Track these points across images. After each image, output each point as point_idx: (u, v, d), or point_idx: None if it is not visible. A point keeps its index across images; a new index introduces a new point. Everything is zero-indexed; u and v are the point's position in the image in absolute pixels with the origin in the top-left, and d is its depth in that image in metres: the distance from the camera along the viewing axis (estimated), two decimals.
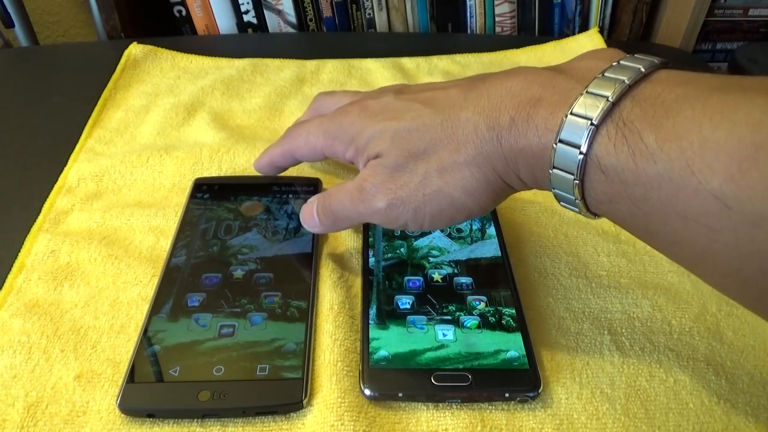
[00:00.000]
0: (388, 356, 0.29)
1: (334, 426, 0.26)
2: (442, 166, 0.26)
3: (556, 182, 0.24)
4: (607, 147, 0.21)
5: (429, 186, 0.27)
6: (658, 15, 0.64)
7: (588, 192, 0.23)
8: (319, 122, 0.33)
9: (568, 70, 0.25)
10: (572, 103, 0.22)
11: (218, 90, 0.51)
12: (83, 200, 0.39)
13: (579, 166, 0.22)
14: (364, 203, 0.29)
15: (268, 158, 0.36)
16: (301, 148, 0.34)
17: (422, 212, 0.27)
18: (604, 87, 0.22)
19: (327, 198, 0.31)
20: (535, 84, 0.25)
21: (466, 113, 0.26)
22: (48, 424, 0.26)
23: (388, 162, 0.28)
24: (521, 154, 0.24)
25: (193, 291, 0.32)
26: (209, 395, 0.27)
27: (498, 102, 0.25)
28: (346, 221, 0.31)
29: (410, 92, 0.30)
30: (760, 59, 0.60)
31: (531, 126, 0.24)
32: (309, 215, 0.32)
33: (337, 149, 0.31)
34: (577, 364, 0.30)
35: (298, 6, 0.63)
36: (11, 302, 0.32)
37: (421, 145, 0.27)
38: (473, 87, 0.27)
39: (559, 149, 0.23)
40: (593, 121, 0.22)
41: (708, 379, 0.29)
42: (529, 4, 0.64)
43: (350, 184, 0.30)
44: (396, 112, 0.29)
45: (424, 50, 0.58)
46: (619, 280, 0.34)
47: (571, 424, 0.27)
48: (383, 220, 0.29)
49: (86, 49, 0.61)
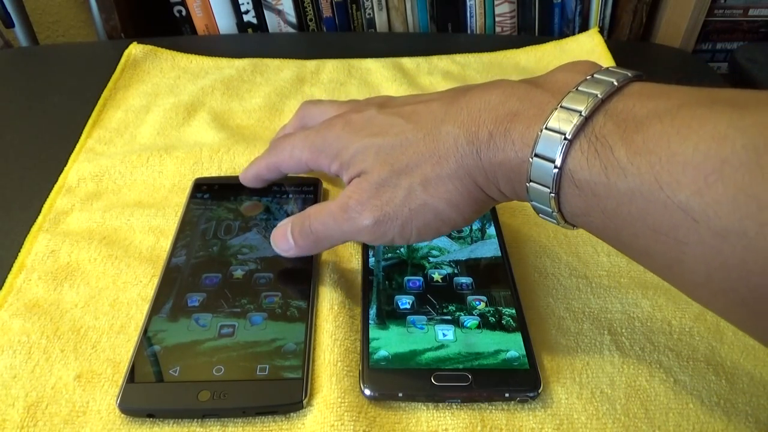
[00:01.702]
0: (388, 356, 0.29)
1: (334, 426, 0.26)
2: (426, 179, 0.27)
3: (533, 195, 0.24)
4: (580, 161, 0.22)
5: (414, 200, 0.27)
6: (658, 15, 0.64)
7: (564, 205, 0.24)
8: (304, 136, 0.32)
9: (544, 83, 0.26)
10: (547, 118, 0.23)
11: (218, 90, 0.51)
12: (83, 200, 0.39)
13: (554, 179, 0.23)
14: (349, 221, 0.28)
15: (255, 171, 0.36)
16: (286, 161, 0.33)
17: (409, 227, 0.28)
18: (577, 101, 0.23)
19: (305, 219, 0.31)
20: (513, 98, 0.25)
21: (446, 127, 0.26)
22: (48, 424, 0.26)
23: (373, 178, 0.28)
24: (500, 167, 0.25)
25: (193, 291, 0.32)
26: (209, 395, 0.27)
27: (477, 116, 0.25)
28: (328, 242, 0.31)
29: (393, 105, 0.31)
30: (760, 59, 0.60)
31: (508, 140, 0.24)
32: (282, 238, 0.32)
33: (321, 163, 0.31)
34: (577, 364, 0.30)
35: (298, 6, 0.63)
36: (11, 302, 0.32)
37: (405, 160, 0.27)
38: (454, 100, 0.27)
39: (535, 163, 0.23)
40: (566, 135, 0.22)
41: (708, 379, 0.29)
42: (529, 4, 0.64)
43: (331, 203, 0.30)
44: (379, 128, 0.29)
45: (424, 50, 0.58)
46: (619, 280, 0.34)
47: (571, 424, 0.27)
48: (370, 237, 0.29)
49: (86, 49, 0.61)
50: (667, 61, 0.61)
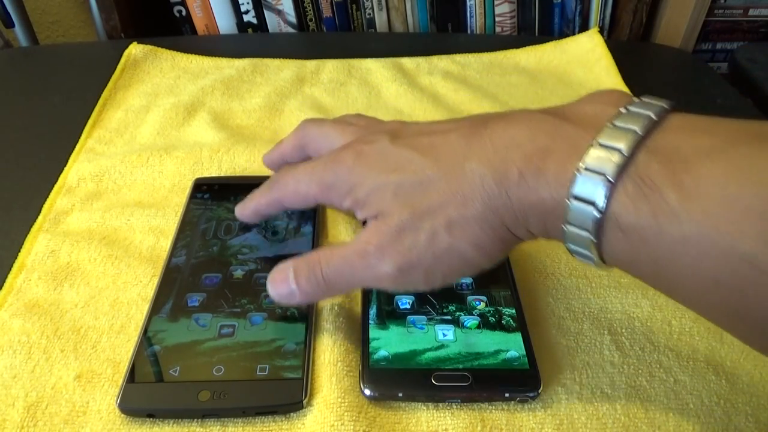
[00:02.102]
0: (388, 356, 0.29)
1: (334, 426, 0.26)
2: (450, 222, 0.24)
3: (570, 238, 0.23)
4: (625, 205, 0.20)
5: (438, 244, 0.25)
6: (658, 15, 0.64)
7: (606, 249, 0.22)
8: (310, 170, 0.30)
9: (573, 116, 0.24)
10: (583, 156, 0.21)
11: (218, 90, 0.51)
12: (83, 200, 0.39)
13: (595, 224, 0.21)
14: (369, 269, 0.26)
15: (254, 207, 0.33)
16: (290, 197, 0.31)
17: (434, 273, 0.26)
18: (615, 138, 0.21)
19: (313, 265, 0.28)
20: (541, 133, 0.23)
21: (471, 165, 0.24)
22: (48, 424, 0.26)
23: (393, 222, 0.26)
24: (532, 209, 0.23)
25: (193, 291, 0.32)
26: (209, 395, 0.27)
27: (504, 153, 0.24)
28: (340, 289, 0.29)
29: (406, 136, 0.28)
30: (760, 59, 0.60)
31: (541, 180, 0.22)
32: (282, 283, 0.28)
33: (332, 199, 0.29)
34: (577, 364, 0.30)
35: (298, 6, 0.63)
36: (11, 302, 0.32)
37: (426, 201, 0.25)
38: (475, 133, 0.25)
39: (573, 206, 0.21)
40: (609, 176, 0.20)
41: (708, 379, 0.29)
42: (529, 4, 0.64)
43: (344, 248, 0.27)
44: (395, 163, 0.27)
45: (424, 50, 0.58)
46: (619, 280, 0.34)
47: (571, 424, 0.27)
48: (392, 285, 0.27)
49: (86, 49, 0.61)
50: (667, 61, 0.61)
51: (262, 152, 0.42)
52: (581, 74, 0.55)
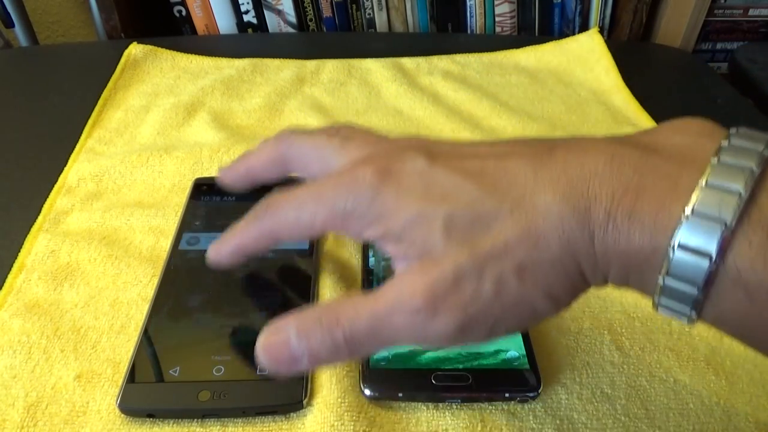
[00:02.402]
0: (388, 356, 0.29)
1: (334, 426, 0.26)
2: (521, 267, 0.20)
3: (665, 292, 0.19)
4: (750, 257, 0.17)
5: (507, 294, 0.20)
6: (658, 15, 0.64)
7: (712, 307, 0.19)
8: (316, 192, 0.24)
9: (660, 148, 0.20)
10: (688, 197, 0.18)
11: (218, 90, 0.51)
12: (83, 200, 0.39)
13: (707, 278, 0.18)
14: (415, 329, 0.21)
15: (237, 243, 0.26)
16: (288, 226, 0.24)
17: (499, 328, 0.21)
18: (728, 177, 0.18)
19: (330, 323, 0.22)
20: (627, 166, 0.20)
21: (543, 198, 0.20)
22: (48, 424, 0.26)
23: (446, 266, 0.20)
24: (619, 256, 0.19)
25: (194, 291, 0.32)
26: (209, 395, 0.27)
27: (583, 188, 0.20)
28: (366, 353, 0.23)
29: (446, 156, 0.23)
30: (760, 59, 0.60)
31: (635, 224, 0.19)
32: (283, 349, 0.22)
33: (351, 227, 0.23)
34: (577, 364, 0.30)
35: (298, 6, 0.63)
36: (11, 302, 0.32)
37: (489, 240, 0.20)
38: (541, 161, 0.21)
39: (678, 256, 0.18)
40: (728, 222, 0.17)
41: (708, 379, 0.29)
42: (529, 4, 0.64)
43: (378, 302, 0.22)
44: (441, 190, 0.21)
45: (424, 50, 0.58)
46: None
47: (571, 424, 0.27)
48: (444, 344, 0.22)
49: (86, 49, 0.61)
50: (667, 61, 0.61)
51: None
52: (581, 74, 0.55)
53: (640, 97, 0.51)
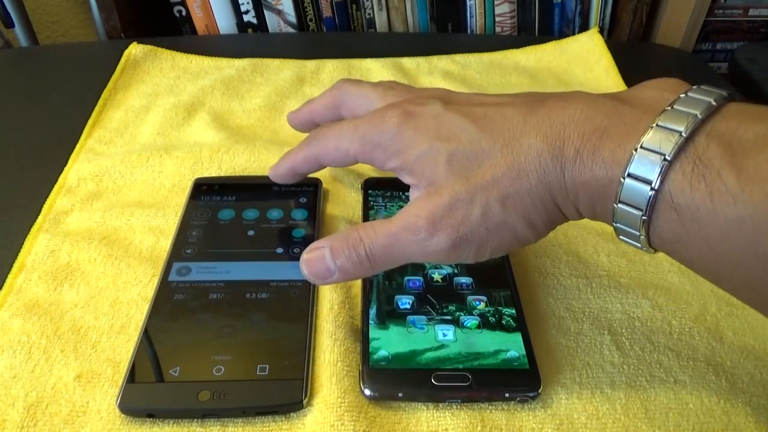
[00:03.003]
0: (388, 356, 0.29)
1: (334, 426, 0.26)
2: (504, 196, 0.24)
3: (620, 217, 0.23)
4: (681, 184, 0.21)
5: (492, 219, 0.25)
6: (658, 15, 0.64)
7: (654, 229, 0.22)
8: (353, 126, 0.29)
9: (631, 99, 0.24)
10: (641, 136, 0.22)
11: (218, 90, 0.51)
12: (83, 200, 0.39)
13: (648, 202, 0.21)
14: (418, 244, 0.26)
15: (289, 164, 0.32)
16: (329, 152, 0.30)
17: (485, 247, 0.26)
18: (675, 120, 0.21)
19: (355, 243, 0.27)
20: (599, 113, 0.24)
21: (527, 139, 0.24)
22: (48, 424, 0.26)
23: (445, 194, 0.25)
24: (584, 186, 0.23)
25: (193, 291, 0.32)
26: (209, 395, 0.27)
27: (561, 130, 0.24)
28: (385, 266, 0.28)
29: (458, 103, 0.28)
30: (760, 59, 0.60)
31: (597, 158, 0.23)
32: (318, 264, 0.28)
33: (376, 157, 0.28)
34: (577, 364, 0.30)
35: (298, 6, 0.63)
36: (11, 302, 0.32)
37: (480, 173, 0.25)
38: (532, 110, 0.25)
39: (627, 184, 0.22)
40: (666, 156, 0.21)
41: (708, 379, 0.29)
42: (529, 4, 0.64)
43: (390, 223, 0.27)
44: (449, 131, 0.26)
45: (424, 50, 0.57)
46: (619, 280, 0.34)
47: (571, 424, 0.27)
48: (442, 259, 0.26)
49: (86, 49, 0.61)
50: (667, 61, 0.61)
51: (263, 152, 0.42)
52: (581, 74, 0.55)
53: None
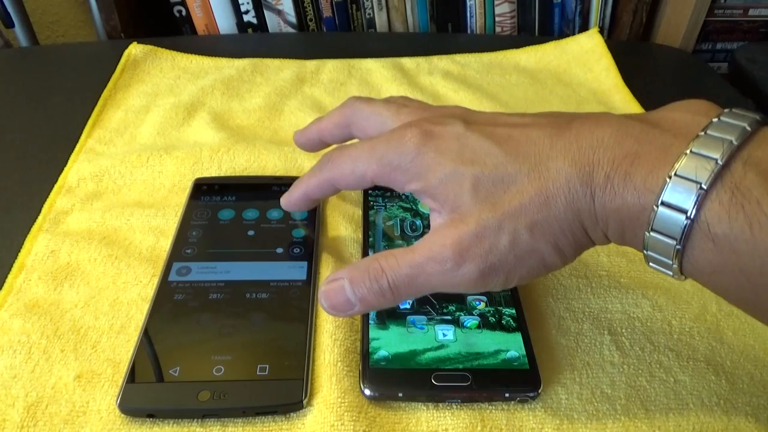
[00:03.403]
0: (388, 356, 0.29)
1: (334, 426, 0.26)
2: (533, 223, 0.24)
3: (652, 246, 0.22)
4: (719, 214, 0.20)
5: (520, 246, 0.24)
6: (658, 15, 0.64)
7: (688, 258, 0.22)
8: (370, 147, 0.28)
9: (660, 122, 0.23)
10: (674, 163, 0.21)
11: (218, 90, 0.51)
12: (83, 200, 0.39)
13: (683, 231, 0.21)
14: (446, 275, 0.25)
15: (302, 190, 0.31)
16: (345, 176, 0.29)
17: (513, 276, 0.25)
18: (710, 147, 0.21)
19: (377, 274, 0.26)
20: (629, 137, 0.23)
21: (555, 163, 0.24)
22: (48, 424, 0.26)
23: (472, 221, 0.24)
24: (615, 213, 0.23)
25: (193, 291, 0.32)
26: (209, 395, 0.27)
27: (590, 154, 0.23)
28: (408, 298, 0.27)
29: (480, 123, 0.27)
30: (760, 59, 0.60)
31: (629, 185, 0.22)
32: (338, 297, 0.27)
33: (395, 179, 0.27)
34: (577, 364, 0.30)
35: (298, 6, 0.63)
36: (11, 302, 0.32)
37: (508, 199, 0.24)
38: (559, 132, 0.24)
39: (661, 212, 0.21)
40: (703, 185, 0.20)
41: (708, 379, 0.29)
42: (529, 4, 0.64)
43: (416, 253, 0.25)
44: (472, 153, 0.25)
45: (424, 50, 0.58)
46: (619, 280, 0.34)
47: (571, 424, 0.27)
48: (471, 289, 0.26)
49: (86, 49, 0.61)
50: (667, 61, 0.61)
51: (263, 152, 0.42)
52: (581, 74, 0.55)
53: (640, 97, 0.51)
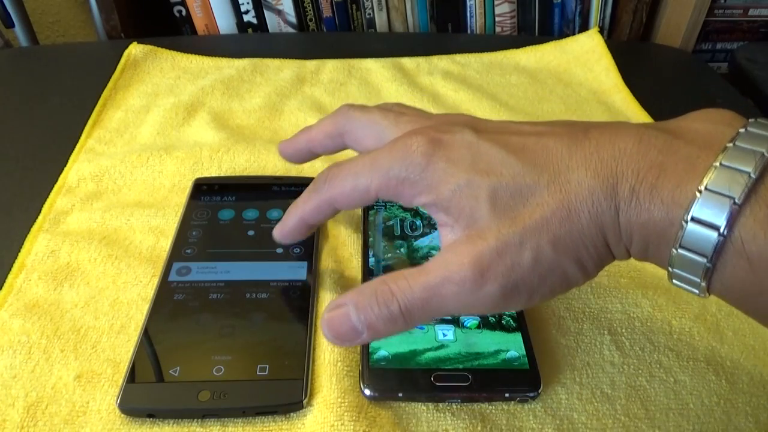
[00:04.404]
0: (388, 356, 0.29)
1: (334, 426, 0.26)
2: (556, 238, 0.22)
3: (679, 263, 0.21)
4: (754, 230, 0.19)
5: (543, 263, 0.22)
6: (658, 15, 0.64)
7: (719, 277, 0.20)
8: (371, 160, 0.25)
9: (682, 132, 0.22)
10: (703, 176, 0.20)
11: (218, 90, 0.51)
12: (83, 200, 0.39)
13: (715, 249, 0.19)
14: (464, 295, 0.23)
15: (299, 215, 0.29)
16: (346, 194, 0.26)
17: (536, 295, 0.23)
18: (741, 160, 0.20)
19: (386, 297, 0.23)
20: (653, 148, 0.21)
21: (576, 175, 0.22)
22: (48, 424, 0.26)
23: (491, 236, 0.22)
24: (640, 228, 0.21)
25: (194, 291, 0.32)
26: (209, 395, 0.27)
27: (613, 165, 0.22)
28: (422, 322, 0.24)
29: (491, 132, 0.25)
30: (760, 59, 0.60)
31: (655, 199, 0.21)
32: (344, 323, 0.24)
33: (402, 193, 0.25)
34: (577, 364, 0.30)
35: (298, 6, 0.63)
36: (11, 302, 0.32)
37: (528, 212, 0.22)
38: (576, 141, 0.23)
39: (691, 228, 0.20)
40: (736, 200, 0.19)
41: (708, 379, 0.29)
42: (529, 4, 0.64)
43: (430, 274, 0.23)
44: (486, 163, 0.23)
45: (424, 50, 0.58)
46: (619, 280, 0.34)
47: (571, 424, 0.27)
48: (488, 311, 0.24)
49: (86, 49, 0.61)
50: (667, 61, 0.61)
51: (262, 152, 0.42)
52: (581, 74, 0.55)
53: (640, 97, 0.51)
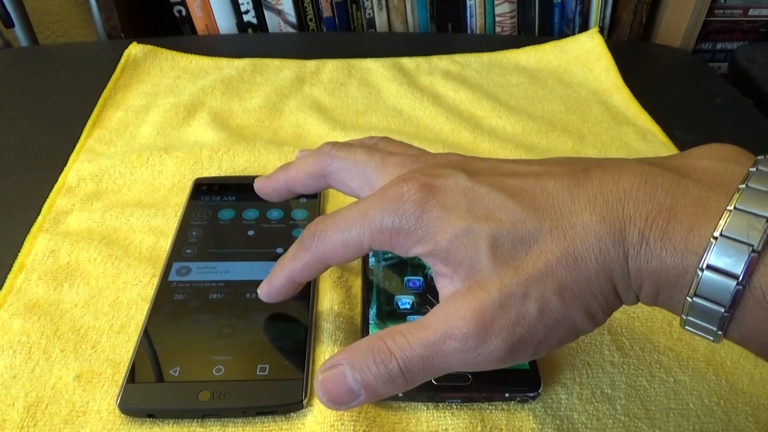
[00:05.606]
0: None
1: (334, 426, 0.26)
2: (562, 287, 0.21)
3: (694, 311, 0.20)
4: None
5: (549, 314, 0.21)
6: (658, 15, 0.64)
7: (737, 326, 0.20)
8: (361, 212, 0.24)
9: (690, 171, 0.21)
10: (716, 221, 0.19)
11: (218, 90, 0.51)
12: (83, 200, 0.39)
13: (734, 298, 0.19)
14: (467, 352, 0.21)
15: (287, 275, 0.27)
16: (337, 251, 0.25)
17: (543, 347, 0.22)
18: (756, 203, 0.19)
19: (384, 356, 0.22)
20: (660, 189, 0.20)
21: (581, 219, 0.21)
22: (48, 424, 0.26)
23: (493, 287, 0.21)
24: (651, 275, 0.20)
25: (193, 291, 0.32)
26: (209, 395, 0.27)
27: (619, 208, 0.20)
28: (422, 381, 0.22)
29: (485, 173, 0.23)
30: (760, 59, 0.60)
31: (667, 245, 0.20)
32: (340, 385, 0.22)
33: (397, 244, 0.23)
34: (577, 364, 0.30)
35: (298, 6, 0.63)
36: (11, 302, 0.32)
37: (531, 261, 0.21)
38: (577, 182, 0.22)
39: (706, 277, 0.19)
40: (755, 247, 0.18)
41: (708, 379, 0.29)
42: (529, 4, 0.64)
43: (429, 330, 0.22)
44: (484, 209, 0.22)
45: (424, 50, 0.58)
46: None
47: (571, 424, 0.27)
48: (493, 366, 0.22)
49: (86, 49, 0.61)
50: (667, 61, 0.61)
51: (262, 152, 0.42)
52: (581, 74, 0.55)
53: (640, 97, 0.51)
